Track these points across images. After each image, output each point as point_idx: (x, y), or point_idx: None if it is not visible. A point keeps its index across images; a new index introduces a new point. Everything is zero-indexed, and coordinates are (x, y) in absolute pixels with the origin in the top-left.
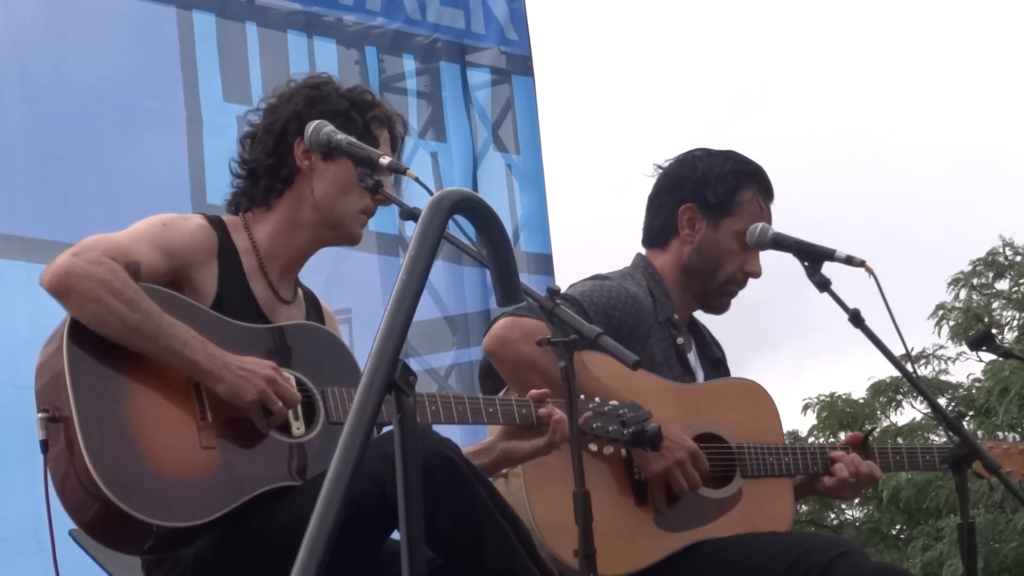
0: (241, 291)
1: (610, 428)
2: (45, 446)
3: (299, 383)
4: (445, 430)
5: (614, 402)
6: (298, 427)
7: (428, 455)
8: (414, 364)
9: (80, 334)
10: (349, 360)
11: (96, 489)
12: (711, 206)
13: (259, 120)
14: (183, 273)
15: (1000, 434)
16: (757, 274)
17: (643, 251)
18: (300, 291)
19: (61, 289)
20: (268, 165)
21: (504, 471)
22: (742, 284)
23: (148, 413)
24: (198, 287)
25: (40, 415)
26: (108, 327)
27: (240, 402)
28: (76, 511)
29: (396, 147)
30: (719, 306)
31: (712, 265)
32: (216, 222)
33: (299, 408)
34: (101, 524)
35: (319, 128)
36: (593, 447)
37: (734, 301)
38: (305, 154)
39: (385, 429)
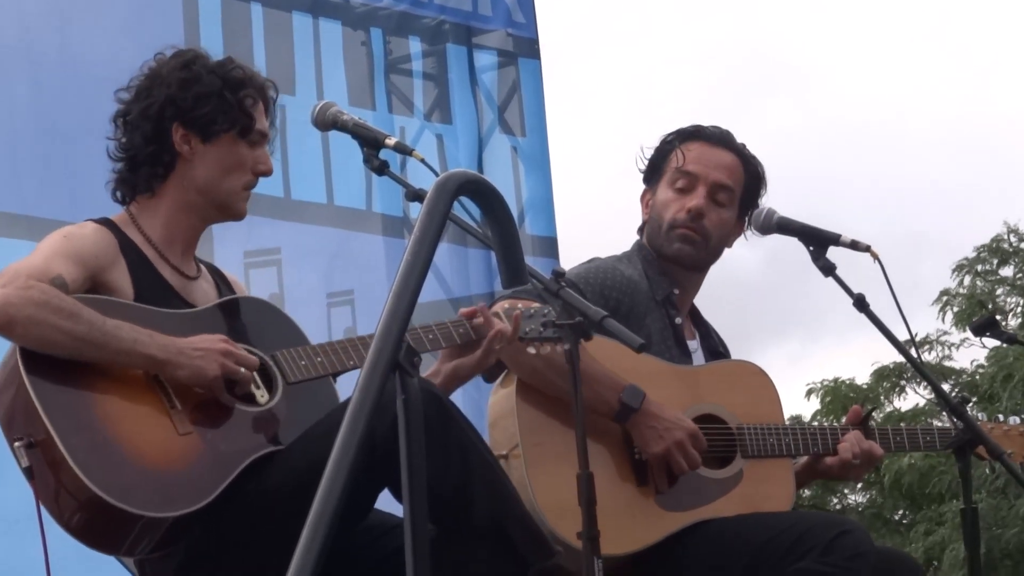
0: (154, 280)
1: (527, 329)
2: (30, 472)
3: (249, 353)
4: None
5: (536, 304)
6: (261, 395)
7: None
8: None
9: (32, 359)
10: (284, 320)
11: (94, 498)
12: (648, 179)
13: (130, 97)
14: (98, 278)
15: (1000, 416)
16: (699, 208)
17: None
18: (201, 266)
19: (2, 322)
20: (148, 153)
21: (504, 452)
22: (688, 223)
23: (120, 415)
24: (115, 287)
25: (16, 444)
26: (57, 346)
27: (203, 382)
28: (74, 526)
29: (269, 112)
30: (676, 254)
31: (658, 223)
32: (106, 223)
33: (256, 377)
34: (104, 532)
35: (325, 109)
36: (532, 350)
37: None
38: (184, 138)
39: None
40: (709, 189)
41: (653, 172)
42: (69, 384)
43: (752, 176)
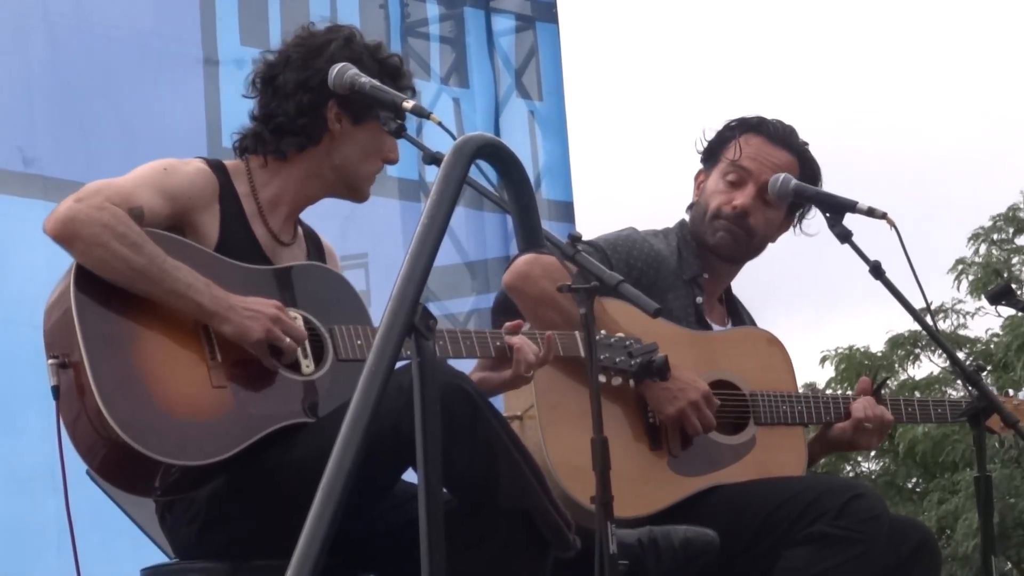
0: (243, 234)
1: (617, 359)
2: (56, 392)
3: (306, 322)
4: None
5: (620, 334)
6: (307, 365)
7: (444, 387)
8: (434, 309)
9: (86, 280)
10: (354, 297)
11: (110, 431)
12: (704, 161)
13: (277, 60)
14: (185, 217)
15: (1010, 391)
16: (744, 207)
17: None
18: (300, 230)
19: (66, 235)
20: (300, 124)
21: (519, 413)
22: (732, 219)
23: (158, 355)
24: (200, 231)
25: (50, 361)
26: (113, 272)
27: (247, 342)
28: (89, 454)
29: None
30: (715, 245)
31: (702, 209)
32: (217, 166)
33: (308, 346)
34: (114, 466)
35: (343, 71)
36: (601, 378)
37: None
38: (337, 117)
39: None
40: (759, 188)
41: (710, 156)
42: (116, 313)
43: (808, 178)
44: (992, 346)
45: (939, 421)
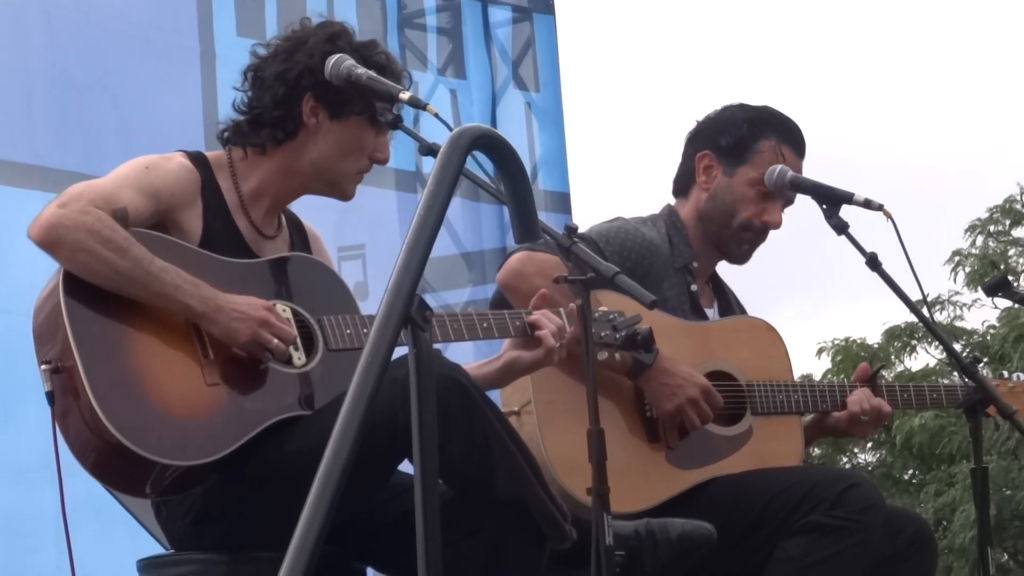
0: (226, 228)
1: (602, 333)
2: (51, 397)
3: (295, 314)
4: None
5: (603, 308)
6: (299, 357)
7: (439, 380)
8: (430, 300)
9: (75, 283)
10: (340, 286)
11: (107, 434)
12: (726, 153)
13: (267, 54)
14: (169, 214)
15: (1004, 372)
16: (776, 224)
17: (672, 201)
18: (283, 220)
19: (50, 242)
20: (275, 116)
21: (516, 408)
22: (760, 233)
23: (150, 355)
24: (184, 227)
25: (43, 367)
26: (99, 276)
27: (235, 344)
28: (87, 458)
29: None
30: (738, 255)
31: (726, 212)
32: (198, 159)
33: (298, 338)
34: (112, 469)
35: (340, 62)
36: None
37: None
38: (313, 110)
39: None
40: (784, 202)
41: (739, 152)
42: (106, 315)
43: None
44: (989, 338)
45: (935, 407)
